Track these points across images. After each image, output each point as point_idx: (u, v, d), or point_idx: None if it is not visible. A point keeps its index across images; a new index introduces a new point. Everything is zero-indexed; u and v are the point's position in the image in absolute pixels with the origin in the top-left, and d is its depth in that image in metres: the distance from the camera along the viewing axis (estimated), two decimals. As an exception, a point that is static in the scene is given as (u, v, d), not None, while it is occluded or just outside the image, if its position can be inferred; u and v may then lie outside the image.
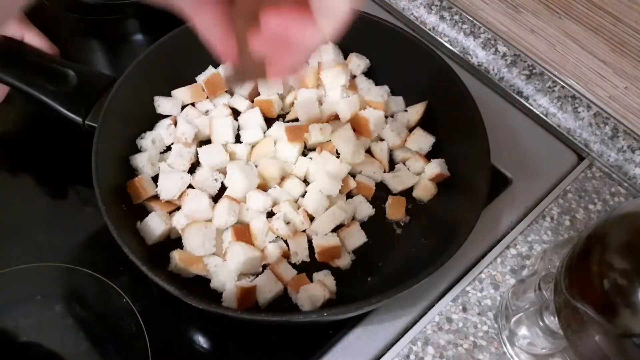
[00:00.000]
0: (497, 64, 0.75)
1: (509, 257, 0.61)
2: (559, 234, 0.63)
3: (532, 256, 0.61)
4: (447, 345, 0.55)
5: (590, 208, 0.65)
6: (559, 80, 0.72)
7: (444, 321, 0.56)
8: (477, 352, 0.55)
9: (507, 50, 0.75)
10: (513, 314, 0.54)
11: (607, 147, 0.69)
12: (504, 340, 0.55)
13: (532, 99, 0.73)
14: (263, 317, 0.51)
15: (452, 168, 0.63)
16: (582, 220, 0.64)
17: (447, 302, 0.57)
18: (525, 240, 0.62)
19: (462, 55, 0.78)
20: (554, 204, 0.65)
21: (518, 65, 0.74)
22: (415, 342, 0.55)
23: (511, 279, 0.59)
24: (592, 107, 0.70)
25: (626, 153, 0.67)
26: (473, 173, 0.59)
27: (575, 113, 0.71)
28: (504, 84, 0.75)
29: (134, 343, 0.54)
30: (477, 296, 0.58)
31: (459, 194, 0.60)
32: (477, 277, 0.59)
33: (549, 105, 0.72)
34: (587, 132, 0.70)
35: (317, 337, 0.55)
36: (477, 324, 0.56)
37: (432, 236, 0.59)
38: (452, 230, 0.55)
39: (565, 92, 0.72)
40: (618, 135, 0.68)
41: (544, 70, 0.73)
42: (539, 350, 0.53)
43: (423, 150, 0.65)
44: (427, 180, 0.63)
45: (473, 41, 0.77)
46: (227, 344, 0.55)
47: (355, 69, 0.70)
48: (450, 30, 0.78)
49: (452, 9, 0.79)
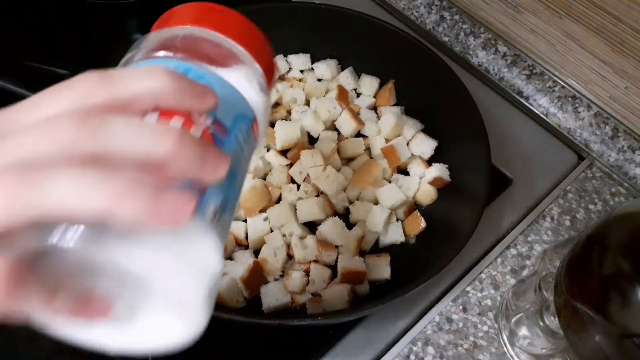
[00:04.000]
0: (497, 64, 0.75)
1: (509, 257, 0.61)
2: (560, 234, 0.63)
3: (533, 256, 0.61)
4: (447, 345, 0.55)
5: (590, 208, 0.65)
6: (559, 80, 0.72)
7: (444, 321, 0.56)
8: (477, 352, 0.54)
9: (507, 50, 0.75)
10: (513, 314, 0.54)
11: (607, 147, 0.69)
12: (504, 341, 0.55)
13: (532, 99, 0.73)
14: (257, 321, 0.51)
15: (452, 172, 0.62)
16: (583, 221, 0.64)
17: (448, 303, 0.57)
18: (525, 241, 0.62)
19: (462, 55, 0.78)
20: (554, 204, 0.65)
21: (518, 65, 0.74)
22: (416, 343, 0.55)
23: (511, 279, 0.59)
24: (593, 107, 0.70)
25: (626, 153, 0.67)
26: (473, 177, 0.59)
27: (576, 113, 0.71)
28: (504, 84, 0.75)
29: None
30: (478, 296, 0.58)
31: (459, 198, 0.60)
32: (477, 277, 0.59)
33: (549, 105, 0.72)
34: (588, 132, 0.70)
35: (317, 338, 0.55)
36: (478, 324, 0.56)
37: (430, 240, 0.59)
38: (451, 234, 0.55)
39: (565, 92, 0.72)
40: (618, 135, 0.68)
41: (544, 70, 0.73)
42: (539, 350, 0.53)
43: (425, 155, 0.64)
44: (427, 185, 0.62)
45: (473, 41, 0.77)
46: (227, 344, 0.55)
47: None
48: (450, 30, 0.78)
49: (452, 9, 0.79)
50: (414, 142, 0.65)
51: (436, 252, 0.55)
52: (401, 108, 0.68)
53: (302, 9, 0.70)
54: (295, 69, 0.71)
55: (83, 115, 0.22)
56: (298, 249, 0.56)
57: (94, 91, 0.24)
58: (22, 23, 0.79)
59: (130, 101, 0.24)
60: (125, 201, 0.21)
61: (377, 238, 0.59)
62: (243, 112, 0.29)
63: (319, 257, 0.56)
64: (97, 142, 0.22)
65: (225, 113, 0.28)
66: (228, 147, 0.27)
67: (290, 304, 0.54)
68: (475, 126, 0.60)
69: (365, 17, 0.68)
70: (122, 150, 0.22)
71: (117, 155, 0.22)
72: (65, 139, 0.22)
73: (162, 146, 0.22)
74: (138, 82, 0.24)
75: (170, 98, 0.25)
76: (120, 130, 0.22)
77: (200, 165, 0.23)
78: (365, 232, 0.59)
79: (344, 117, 0.65)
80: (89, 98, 0.24)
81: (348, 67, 0.71)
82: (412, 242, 0.60)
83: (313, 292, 0.55)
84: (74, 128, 0.22)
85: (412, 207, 0.62)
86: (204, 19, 0.31)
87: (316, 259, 0.56)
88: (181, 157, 0.23)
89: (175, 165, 0.23)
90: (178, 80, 0.25)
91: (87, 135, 0.22)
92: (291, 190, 0.61)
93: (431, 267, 0.51)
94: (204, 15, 0.31)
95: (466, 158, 0.61)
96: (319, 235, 0.58)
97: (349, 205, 0.61)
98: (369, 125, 0.66)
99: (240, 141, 0.29)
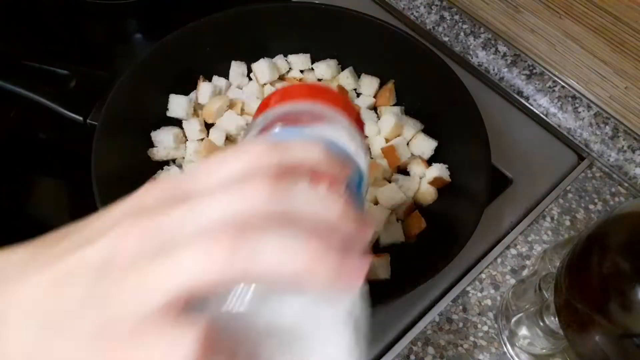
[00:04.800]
0: (497, 64, 0.75)
1: (509, 257, 0.61)
2: (560, 234, 0.63)
3: (533, 256, 0.61)
4: (447, 345, 0.55)
5: (590, 208, 0.65)
6: (559, 80, 0.72)
7: (444, 321, 0.56)
8: (477, 352, 0.54)
9: (507, 50, 0.75)
10: (513, 314, 0.54)
11: (607, 147, 0.69)
12: (504, 341, 0.55)
13: (532, 99, 0.73)
14: None
15: (452, 172, 0.62)
16: (583, 220, 0.64)
17: (447, 303, 0.57)
18: (525, 241, 0.62)
19: (462, 55, 0.78)
20: (554, 204, 0.65)
21: (518, 65, 0.74)
22: (416, 343, 0.55)
23: (511, 279, 0.59)
24: (593, 107, 0.70)
25: (626, 153, 0.67)
26: (473, 177, 0.59)
27: (576, 113, 0.71)
28: (504, 84, 0.75)
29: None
30: (477, 296, 0.58)
31: (459, 198, 0.60)
32: (477, 277, 0.59)
33: (549, 105, 0.72)
34: (588, 132, 0.70)
35: (317, 337, 0.55)
36: (477, 324, 0.56)
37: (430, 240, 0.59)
38: (451, 234, 0.55)
39: (565, 92, 0.72)
40: (618, 135, 0.68)
41: (544, 70, 0.73)
42: (539, 350, 0.53)
43: (425, 155, 0.64)
44: (427, 185, 0.62)
45: (473, 41, 0.77)
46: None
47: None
48: (450, 30, 0.78)
49: (452, 9, 0.79)
50: (414, 142, 0.65)
51: (436, 252, 0.55)
52: (401, 108, 0.68)
53: (302, 9, 0.70)
54: (295, 69, 0.71)
55: (272, 176, 0.23)
56: None
57: (267, 157, 0.24)
58: (22, 23, 0.79)
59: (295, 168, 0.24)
60: (321, 264, 0.21)
61: (377, 238, 0.59)
62: (360, 174, 0.32)
63: None
64: (287, 203, 0.22)
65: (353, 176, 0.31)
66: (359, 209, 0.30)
67: None
68: (475, 126, 0.60)
69: (365, 17, 0.68)
70: (307, 213, 0.23)
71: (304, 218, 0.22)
72: (260, 197, 0.22)
73: (334, 209, 0.23)
74: (301, 151, 0.25)
75: (323, 166, 0.25)
76: (305, 192, 0.23)
77: (361, 228, 0.24)
78: None
79: None
80: (265, 163, 0.24)
81: (348, 67, 0.70)
82: (412, 242, 0.60)
83: None
84: (266, 187, 0.22)
85: (412, 207, 0.62)
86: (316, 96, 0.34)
87: None
88: (347, 220, 0.23)
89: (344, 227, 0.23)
90: (327, 151, 0.26)
91: (279, 194, 0.22)
92: None
93: (431, 267, 0.51)
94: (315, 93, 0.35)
95: (466, 158, 0.61)
96: None
97: None
98: (369, 125, 0.66)
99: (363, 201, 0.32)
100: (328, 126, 0.33)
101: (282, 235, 0.21)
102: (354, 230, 0.24)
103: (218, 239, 0.21)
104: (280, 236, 0.21)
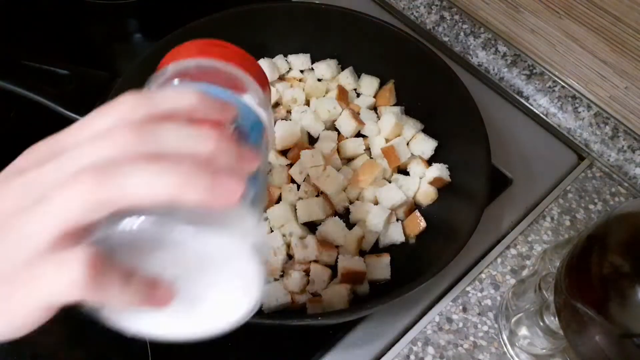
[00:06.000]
0: (497, 64, 0.75)
1: (509, 257, 0.61)
2: (559, 234, 0.63)
3: (533, 256, 0.61)
4: (447, 345, 0.55)
5: (590, 208, 0.65)
6: (559, 80, 0.72)
7: (444, 321, 0.56)
8: (477, 352, 0.54)
9: (507, 50, 0.75)
10: (513, 314, 0.54)
11: (607, 147, 0.69)
12: (504, 341, 0.55)
13: (532, 99, 0.73)
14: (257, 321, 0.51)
15: (452, 172, 0.62)
16: (583, 221, 0.64)
17: (447, 302, 0.57)
18: (525, 241, 0.62)
19: (462, 55, 0.78)
20: (554, 204, 0.65)
21: (518, 65, 0.74)
22: (416, 343, 0.55)
23: (511, 279, 0.59)
24: (593, 107, 0.70)
25: (626, 153, 0.67)
26: (473, 177, 0.59)
27: (576, 113, 0.71)
28: (504, 84, 0.75)
29: (133, 342, 0.54)
30: (477, 296, 0.58)
31: (459, 198, 0.60)
32: (477, 277, 0.59)
33: (549, 105, 0.72)
34: (588, 132, 0.70)
35: (317, 338, 0.55)
36: (477, 324, 0.56)
37: (430, 240, 0.59)
38: (451, 234, 0.55)
39: (565, 92, 0.72)
40: (618, 135, 0.68)
41: (544, 70, 0.73)
42: (539, 350, 0.53)
43: (425, 155, 0.64)
44: (427, 185, 0.62)
45: (473, 41, 0.77)
46: (227, 343, 0.55)
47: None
48: (450, 30, 0.78)
49: (452, 9, 0.79)
50: (414, 142, 0.65)
51: (436, 252, 0.55)
52: (401, 108, 0.68)
53: (302, 9, 0.70)
54: (295, 69, 0.71)
55: (137, 124, 0.26)
56: (298, 249, 0.56)
57: (135, 109, 0.27)
58: (22, 23, 0.79)
59: (168, 116, 0.27)
60: (189, 186, 0.24)
61: (377, 238, 0.59)
62: (255, 121, 0.34)
63: (319, 257, 0.56)
64: (154, 143, 0.25)
65: (243, 122, 0.33)
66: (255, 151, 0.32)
67: (291, 304, 0.54)
68: (475, 126, 0.60)
69: (365, 17, 0.68)
70: (176, 148, 0.25)
71: (172, 153, 0.25)
72: (125, 143, 0.25)
73: (207, 145, 0.26)
74: (172, 100, 0.28)
75: (200, 111, 0.28)
76: (172, 132, 0.26)
77: (239, 158, 0.27)
78: (365, 232, 0.59)
79: (344, 117, 0.65)
80: (133, 114, 0.27)
81: (348, 67, 0.70)
82: (412, 242, 0.60)
83: (313, 292, 0.55)
84: (131, 134, 0.25)
85: (412, 207, 0.62)
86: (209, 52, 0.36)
87: (316, 259, 0.56)
88: (224, 152, 0.26)
89: (220, 159, 0.26)
90: (204, 97, 0.28)
91: (144, 138, 0.25)
92: (291, 190, 0.61)
93: (431, 267, 0.51)
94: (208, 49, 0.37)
95: (466, 158, 0.61)
96: (319, 235, 0.58)
97: (349, 205, 0.61)
98: (369, 125, 0.66)
99: (259, 144, 0.34)
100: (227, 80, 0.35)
101: (150, 164, 0.24)
102: (232, 161, 0.26)
103: (82, 177, 0.24)
104: (148, 165, 0.24)
